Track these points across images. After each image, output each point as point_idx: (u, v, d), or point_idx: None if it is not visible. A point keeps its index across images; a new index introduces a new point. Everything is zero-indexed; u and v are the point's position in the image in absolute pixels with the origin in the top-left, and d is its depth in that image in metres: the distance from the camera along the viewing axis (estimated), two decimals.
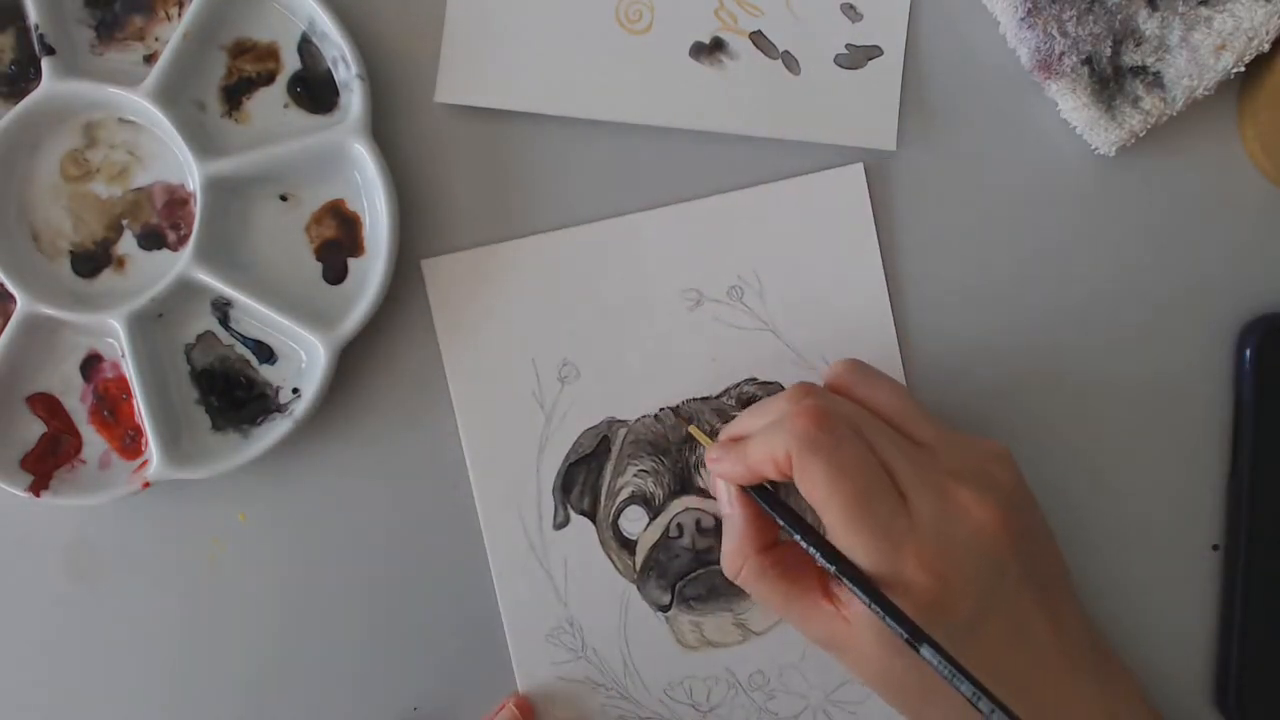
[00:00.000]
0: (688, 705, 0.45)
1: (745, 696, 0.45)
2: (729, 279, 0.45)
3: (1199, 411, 0.45)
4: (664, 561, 0.45)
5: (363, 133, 0.42)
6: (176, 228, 0.44)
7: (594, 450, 0.45)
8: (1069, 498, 0.45)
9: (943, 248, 0.45)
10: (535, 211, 0.45)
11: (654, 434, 0.45)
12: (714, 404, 0.45)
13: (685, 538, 0.44)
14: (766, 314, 0.45)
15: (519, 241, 0.45)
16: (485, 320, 0.45)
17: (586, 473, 0.45)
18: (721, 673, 0.45)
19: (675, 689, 0.45)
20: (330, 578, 0.45)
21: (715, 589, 0.45)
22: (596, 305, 0.45)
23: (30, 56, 0.43)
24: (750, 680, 0.45)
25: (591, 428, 0.45)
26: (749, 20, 0.45)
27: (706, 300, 0.45)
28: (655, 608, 0.45)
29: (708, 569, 0.44)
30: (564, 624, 0.45)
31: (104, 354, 0.44)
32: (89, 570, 0.46)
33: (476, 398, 0.45)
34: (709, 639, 0.45)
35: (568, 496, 0.45)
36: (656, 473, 0.45)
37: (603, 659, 0.45)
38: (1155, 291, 0.45)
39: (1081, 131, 0.44)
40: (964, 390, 0.45)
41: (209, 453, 0.43)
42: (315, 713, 0.46)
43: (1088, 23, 0.42)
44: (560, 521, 0.45)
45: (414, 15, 0.45)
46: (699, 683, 0.45)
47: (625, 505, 0.45)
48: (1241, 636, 0.44)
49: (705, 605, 0.45)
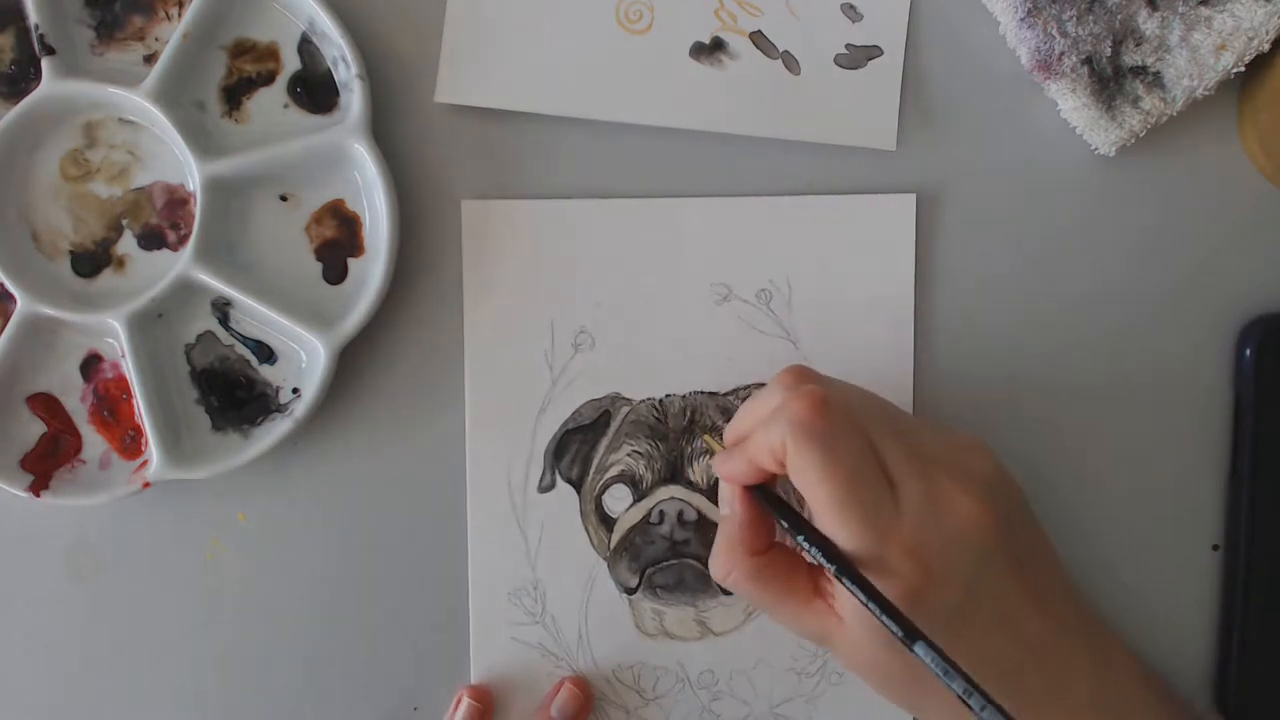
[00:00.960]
0: (633, 690, 0.45)
1: (691, 693, 0.45)
2: (760, 281, 0.45)
3: (1199, 412, 0.45)
4: (639, 545, 0.45)
5: (363, 133, 0.42)
6: (176, 228, 0.44)
7: (593, 422, 0.45)
8: (1069, 497, 0.45)
9: (940, 247, 0.45)
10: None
11: (655, 418, 0.45)
12: (720, 401, 0.45)
13: (665, 525, 0.45)
14: (790, 323, 0.45)
15: (562, 202, 0.45)
16: (512, 273, 0.45)
17: (581, 443, 0.45)
18: (673, 665, 0.45)
19: (624, 672, 0.45)
20: (330, 577, 0.45)
21: (684, 582, 0.45)
22: (625, 281, 0.45)
23: (30, 56, 0.43)
24: (699, 678, 0.45)
25: (595, 399, 0.45)
26: (749, 20, 0.45)
27: (734, 298, 0.45)
28: (621, 589, 0.45)
29: (681, 561, 0.45)
30: (528, 586, 0.45)
31: (104, 354, 0.44)
32: (89, 570, 0.46)
33: (488, 347, 0.45)
34: (667, 630, 0.45)
35: (558, 462, 0.45)
36: (649, 456, 0.45)
37: (559, 628, 0.45)
38: (1155, 291, 0.45)
39: (1081, 131, 0.44)
40: (962, 388, 0.45)
41: (209, 453, 0.44)
42: (315, 712, 0.46)
43: (1088, 23, 0.42)
44: (546, 485, 0.45)
45: (414, 15, 0.45)
46: (648, 670, 0.45)
47: (612, 482, 0.45)
48: (1241, 636, 0.44)
49: (671, 596, 0.45)
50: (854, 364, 0.45)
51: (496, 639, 0.45)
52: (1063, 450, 0.45)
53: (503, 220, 0.45)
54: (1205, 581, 0.45)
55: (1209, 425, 0.45)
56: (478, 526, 0.45)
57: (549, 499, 0.45)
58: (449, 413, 0.45)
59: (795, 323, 0.45)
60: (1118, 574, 0.45)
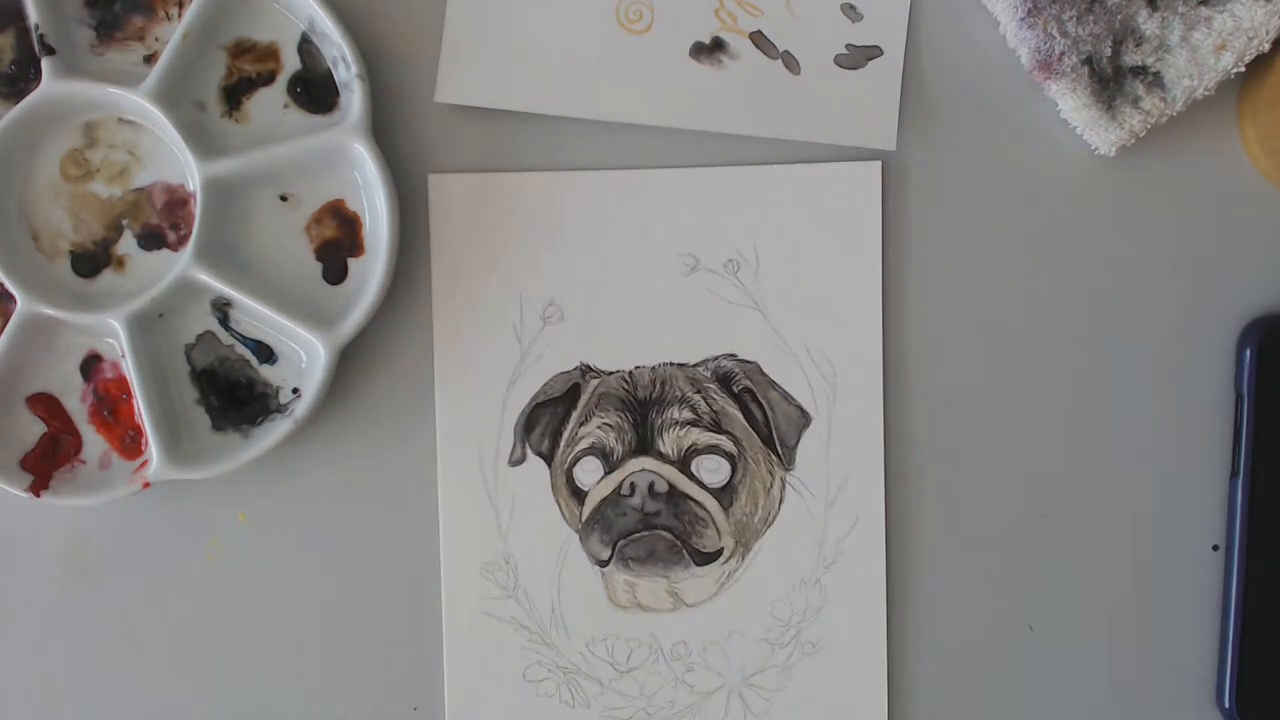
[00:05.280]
0: (606, 662, 0.45)
1: (665, 664, 0.45)
2: (728, 251, 0.45)
3: (1199, 411, 0.45)
4: (611, 517, 0.45)
5: (363, 133, 0.42)
6: (176, 228, 0.44)
7: (562, 395, 0.45)
8: (1068, 497, 0.45)
9: (941, 247, 0.45)
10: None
11: (624, 390, 0.45)
12: (689, 372, 0.45)
13: (636, 497, 0.45)
14: (758, 293, 0.45)
15: (528, 175, 0.45)
16: (479, 246, 0.45)
17: (551, 416, 0.45)
18: (646, 637, 0.45)
19: (597, 645, 0.45)
20: (330, 577, 0.46)
21: (655, 553, 0.45)
22: (593, 253, 0.45)
23: (30, 56, 0.43)
24: (673, 650, 0.45)
25: (564, 372, 0.45)
26: (749, 20, 0.45)
27: (702, 268, 0.45)
28: (593, 561, 0.45)
29: (652, 532, 0.45)
30: (500, 560, 0.45)
31: (104, 354, 0.44)
32: (89, 570, 0.46)
33: (456, 321, 0.45)
34: (640, 601, 0.45)
35: (528, 436, 0.45)
36: (619, 429, 0.45)
37: (532, 602, 0.45)
38: (1155, 291, 0.45)
39: (1081, 131, 0.44)
40: (960, 388, 0.45)
41: (209, 453, 0.44)
42: (315, 712, 0.46)
43: (1088, 23, 0.42)
44: (517, 459, 0.45)
45: (414, 15, 0.45)
46: (621, 642, 0.45)
47: (583, 455, 0.45)
48: (1241, 636, 0.44)
49: (643, 568, 0.45)
50: (821, 331, 0.45)
51: (469, 614, 0.45)
52: (1061, 449, 0.45)
53: (469, 194, 0.45)
54: (1205, 581, 0.45)
55: (1209, 425, 0.45)
56: (449, 501, 0.45)
57: (520, 472, 0.45)
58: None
59: (763, 292, 0.45)
60: (1118, 574, 0.45)
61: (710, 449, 0.45)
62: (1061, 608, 0.45)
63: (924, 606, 0.45)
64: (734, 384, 0.45)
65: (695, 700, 0.45)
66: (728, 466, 0.45)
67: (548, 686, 0.45)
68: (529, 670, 0.45)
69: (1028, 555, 0.45)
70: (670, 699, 0.45)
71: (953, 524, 0.45)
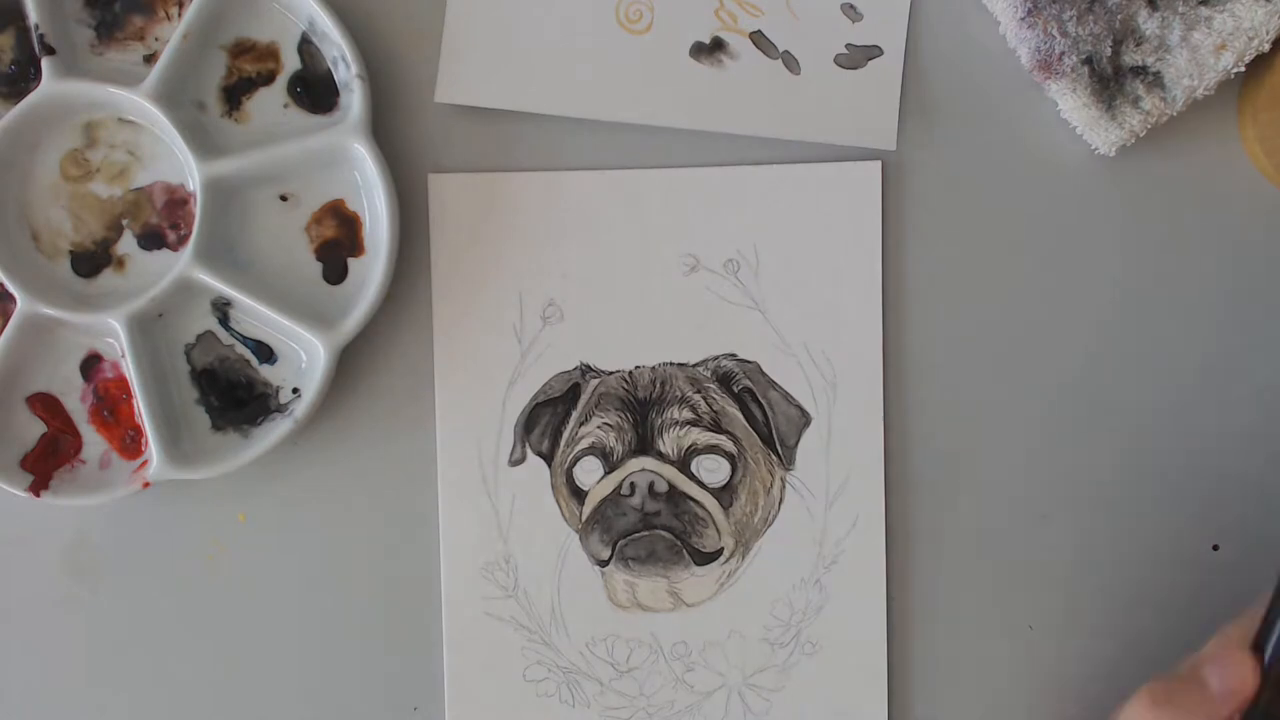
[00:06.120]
0: (606, 662, 0.45)
1: (665, 664, 0.45)
2: (728, 251, 0.45)
3: (1199, 411, 0.45)
4: (611, 517, 0.45)
5: (363, 133, 0.43)
6: (176, 228, 0.44)
7: (562, 395, 0.45)
8: (1068, 497, 0.45)
9: (941, 247, 0.45)
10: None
11: (624, 390, 0.45)
12: (689, 372, 0.45)
13: (636, 497, 0.45)
14: (758, 293, 0.45)
15: (528, 175, 0.45)
16: (480, 246, 0.45)
17: (551, 415, 0.45)
18: (646, 637, 0.45)
19: (597, 645, 0.45)
20: (330, 577, 0.46)
21: (655, 553, 0.45)
22: (593, 253, 0.45)
23: (30, 56, 0.43)
24: (673, 649, 0.45)
25: (564, 372, 0.45)
26: (749, 20, 0.45)
27: (702, 268, 0.45)
28: (594, 561, 0.45)
29: (652, 532, 0.45)
30: (500, 560, 0.45)
31: (104, 354, 0.44)
32: (89, 570, 0.46)
33: (456, 321, 0.45)
34: (640, 601, 0.45)
35: (528, 435, 0.45)
36: (620, 428, 0.45)
37: (532, 601, 0.45)
38: (1155, 291, 0.45)
39: (1081, 131, 0.44)
40: (960, 388, 0.45)
41: (209, 453, 0.44)
42: (315, 712, 0.46)
43: (1088, 23, 0.42)
44: (516, 458, 0.45)
45: (414, 15, 0.45)
46: (621, 643, 0.45)
47: (583, 455, 0.45)
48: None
49: (643, 567, 0.45)
50: (821, 331, 0.45)
51: (469, 614, 0.45)
52: (1061, 450, 0.45)
53: (469, 194, 0.45)
54: (1205, 581, 0.45)
55: (1209, 424, 0.45)
56: (449, 501, 0.45)
57: (519, 472, 0.45)
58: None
59: (763, 292, 0.45)
60: (1118, 574, 0.45)
61: (710, 449, 0.45)
62: (1061, 608, 0.45)
63: (924, 606, 0.45)
64: (734, 384, 0.45)
65: (695, 700, 0.45)
66: (728, 466, 0.45)
67: (548, 686, 0.45)
68: (529, 670, 0.45)
69: (1028, 555, 0.45)
70: (670, 699, 0.45)
71: (953, 524, 0.45)
